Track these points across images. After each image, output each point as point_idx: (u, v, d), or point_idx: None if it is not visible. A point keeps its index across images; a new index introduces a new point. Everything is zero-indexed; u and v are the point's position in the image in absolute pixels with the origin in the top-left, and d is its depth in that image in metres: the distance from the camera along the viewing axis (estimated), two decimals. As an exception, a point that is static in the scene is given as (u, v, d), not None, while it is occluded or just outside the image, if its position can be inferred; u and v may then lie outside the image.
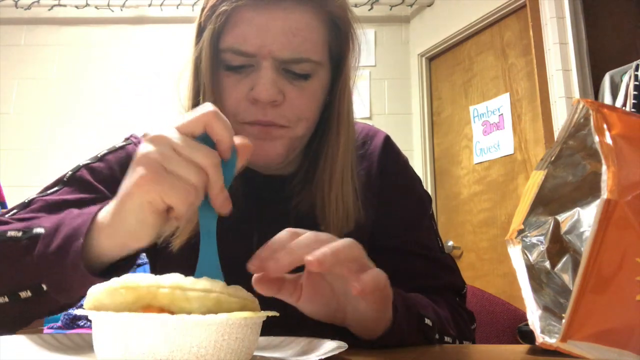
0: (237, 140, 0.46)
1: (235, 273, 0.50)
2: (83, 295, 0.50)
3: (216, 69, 0.64)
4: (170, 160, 0.42)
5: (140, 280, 0.38)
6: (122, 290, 0.37)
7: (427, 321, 0.60)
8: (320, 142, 0.70)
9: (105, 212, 0.48)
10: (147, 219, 0.44)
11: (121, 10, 3.04)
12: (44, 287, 0.50)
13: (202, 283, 0.39)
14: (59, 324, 1.87)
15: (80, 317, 1.85)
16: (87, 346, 0.48)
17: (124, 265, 0.51)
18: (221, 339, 0.37)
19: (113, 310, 0.37)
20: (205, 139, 0.45)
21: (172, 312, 0.37)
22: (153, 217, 0.44)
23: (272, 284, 0.50)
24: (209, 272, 0.44)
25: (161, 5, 3.04)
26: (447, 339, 0.64)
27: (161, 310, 0.37)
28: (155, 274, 0.39)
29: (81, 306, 0.40)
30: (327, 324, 0.58)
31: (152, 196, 0.43)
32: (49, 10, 3.03)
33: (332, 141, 0.69)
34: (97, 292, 0.38)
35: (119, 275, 0.47)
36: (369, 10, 3.01)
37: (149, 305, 0.37)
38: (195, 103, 0.65)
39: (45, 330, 1.72)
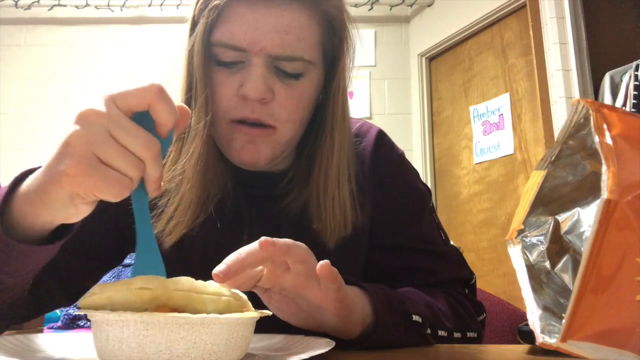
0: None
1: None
2: (28, 271, 0.49)
3: (208, 64, 0.64)
4: (104, 150, 0.39)
5: (157, 281, 0.40)
6: (138, 290, 0.39)
7: (416, 318, 0.59)
8: (315, 144, 0.69)
9: (29, 187, 0.44)
10: (77, 207, 0.42)
11: (121, 10, 3.04)
12: None
13: (213, 286, 0.42)
14: (59, 324, 1.87)
15: (80, 317, 1.85)
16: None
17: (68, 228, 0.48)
18: (231, 337, 0.40)
19: (125, 309, 0.38)
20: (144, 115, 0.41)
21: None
22: (84, 207, 0.42)
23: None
24: (148, 254, 0.44)
25: (161, 5, 3.04)
26: (440, 332, 0.62)
27: (174, 310, 0.39)
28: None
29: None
30: None
31: (83, 190, 0.40)
32: (49, 10, 3.03)
33: (327, 143, 0.68)
34: (110, 291, 0.39)
35: (61, 239, 0.47)
36: (369, 10, 3.01)
37: (163, 305, 0.39)
38: (188, 97, 0.65)
39: (45, 330, 1.72)
